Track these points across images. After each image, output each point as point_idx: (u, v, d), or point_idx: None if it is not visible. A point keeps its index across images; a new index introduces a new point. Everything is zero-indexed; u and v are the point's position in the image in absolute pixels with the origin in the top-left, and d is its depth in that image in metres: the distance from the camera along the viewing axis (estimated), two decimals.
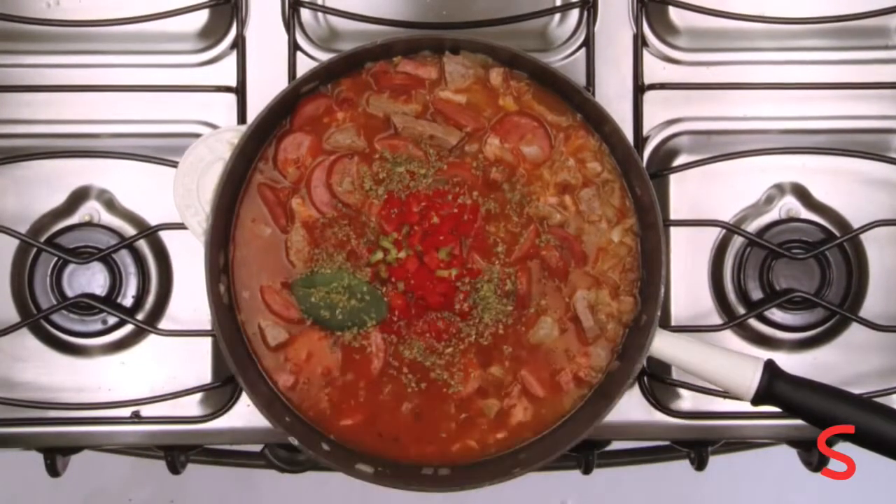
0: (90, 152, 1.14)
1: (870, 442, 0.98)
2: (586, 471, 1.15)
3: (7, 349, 1.15)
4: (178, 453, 1.15)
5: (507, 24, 1.14)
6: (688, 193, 1.17)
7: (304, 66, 1.14)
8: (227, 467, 1.23)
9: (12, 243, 1.15)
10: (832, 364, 1.17)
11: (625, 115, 1.14)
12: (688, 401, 1.16)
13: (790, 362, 1.05)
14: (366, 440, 1.08)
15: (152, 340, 1.16)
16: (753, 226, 1.17)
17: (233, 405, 1.13)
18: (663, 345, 1.03)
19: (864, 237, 1.16)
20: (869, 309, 1.17)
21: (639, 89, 1.15)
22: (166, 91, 1.15)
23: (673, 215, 1.16)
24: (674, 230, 1.15)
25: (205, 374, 1.15)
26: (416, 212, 1.07)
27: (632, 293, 1.10)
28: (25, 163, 1.14)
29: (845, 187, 1.17)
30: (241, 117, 1.14)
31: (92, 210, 1.17)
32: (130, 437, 1.15)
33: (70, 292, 1.15)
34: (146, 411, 1.13)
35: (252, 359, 1.09)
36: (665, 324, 1.15)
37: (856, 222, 1.16)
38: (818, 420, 0.99)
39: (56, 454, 1.13)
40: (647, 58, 1.17)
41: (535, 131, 1.10)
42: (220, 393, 1.14)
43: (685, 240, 1.16)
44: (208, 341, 1.15)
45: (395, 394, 1.08)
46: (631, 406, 1.13)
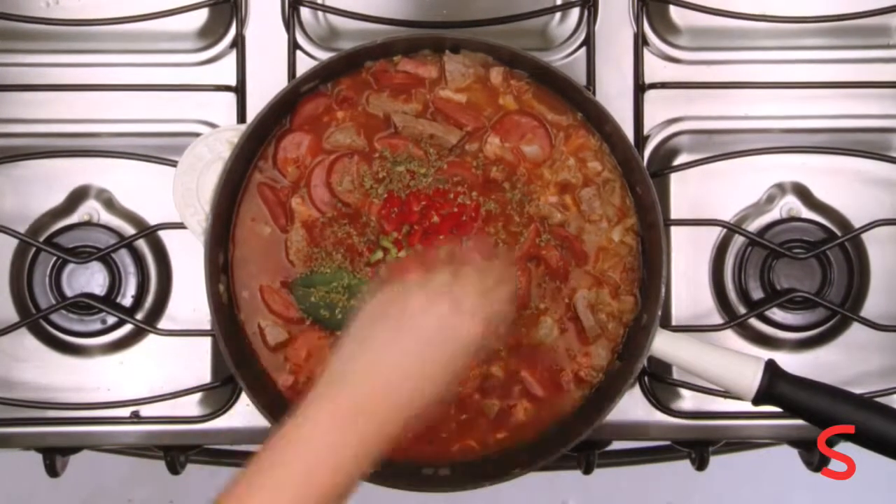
0: (89, 151, 1.13)
1: (870, 442, 0.98)
2: (587, 471, 1.15)
3: (6, 349, 1.15)
4: (177, 453, 1.14)
5: (508, 24, 1.14)
6: (688, 193, 1.16)
7: (304, 65, 1.13)
8: (226, 467, 1.22)
9: (11, 243, 1.15)
10: (833, 364, 1.16)
11: (625, 115, 1.14)
12: (688, 401, 1.15)
13: (791, 362, 1.04)
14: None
15: (152, 340, 1.16)
16: (754, 225, 1.17)
17: (232, 405, 1.13)
18: (664, 344, 1.03)
19: (866, 237, 1.16)
20: (870, 309, 1.17)
21: (639, 88, 1.15)
22: (166, 90, 1.15)
23: (673, 215, 1.16)
24: (674, 229, 1.15)
25: (204, 374, 1.15)
26: (416, 211, 1.07)
27: (632, 293, 1.10)
28: (24, 162, 1.14)
29: (846, 187, 1.17)
30: (241, 116, 1.14)
31: (91, 209, 1.16)
32: (130, 437, 1.14)
33: (69, 292, 1.15)
34: (145, 411, 1.13)
35: (251, 358, 1.08)
36: (666, 323, 1.15)
37: (857, 222, 1.16)
38: (819, 420, 0.99)
39: (55, 454, 1.13)
40: (647, 57, 1.16)
41: (536, 130, 1.10)
42: (220, 393, 1.14)
43: (686, 239, 1.16)
44: (208, 341, 1.14)
45: None
46: (631, 406, 1.13)
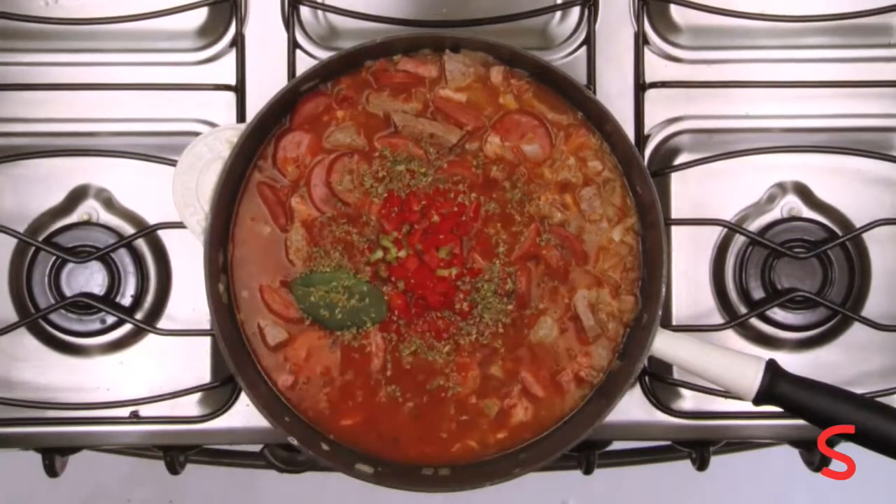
0: (89, 151, 1.13)
1: (871, 442, 0.98)
2: (587, 471, 1.15)
3: (5, 349, 1.15)
4: (176, 453, 1.14)
5: (508, 23, 1.14)
6: (689, 192, 1.16)
7: (304, 64, 1.13)
8: (226, 467, 1.22)
9: (10, 242, 1.15)
10: (834, 364, 1.16)
11: (626, 114, 1.14)
12: (689, 401, 1.15)
13: (792, 362, 1.04)
14: (365, 440, 1.08)
15: (151, 340, 1.15)
16: (755, 225, 1.17)
17: (232, 405, 1.13)
18: (664, 344, 1.03)
19: (867, 236, 1.15)
20: (871, 308, 1.16)
21: (640, 87, 1.15)
22: (165, 89, 1.15)
23: (674, 214, 1.16)
24: (675, 229, 1.15)
25: (204, 374, 1.15)
26: (416, 210, 1.07)
27: (633, 292, 1.09)
28: (24, 161, 1.14)
29: (847, 186, 1.17)
30: (241, 116, 1.14)
31: (90, 209, 1.16)
32: (129, 437, 1.14)
33: (68, 291, 1.15)
34: (145, 411, 1.13)
35: (251, 358, 1.08)
36: (666, 323, 1.15)
37: (858, 221, 1.16)
38: (819, 420, 0.99)
39: (55, 454, 1.13)
40: (648, 56, 1.16)
41: (536, 130, 1.10)
42: (219, 393, 1.14)
43: (686, 239, 1.16)
44: (207, 341, 1.14)
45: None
46: (632, 406, 1.13)
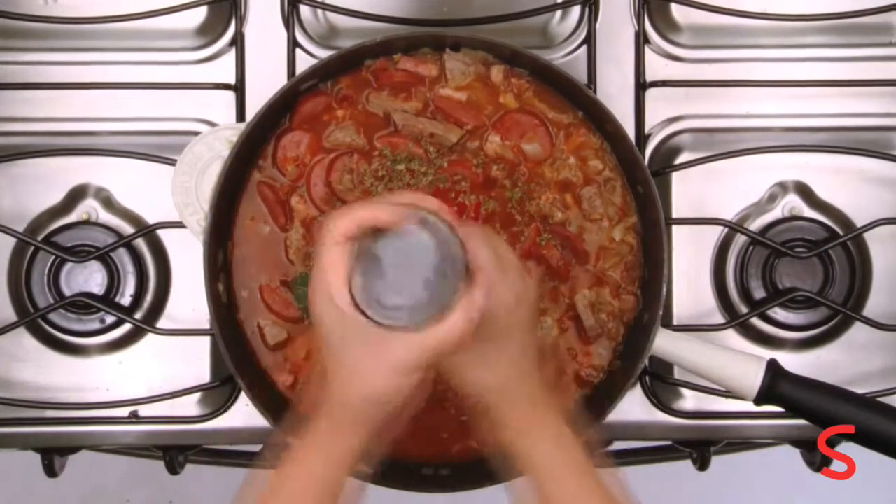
0: (88, 150, 1.13)
1: (872, 442, 0.98)
2: None
3: (4, 348, 1.14)
4: (176, 453, 1.14)
5: (508, 22, 1.13)
6: (690, 191, 1.16)
7: (304, 63, 1.13)
8: (225, 467, 1.22)
9: (9, 242, 1.15)
10: (835, 363, 1.16)
11: (626, 113, 1.14)
12: (690, 400, 1.15)
13: (793, 362, 1.04)
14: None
15: (150, 340, 1.15)
16: (756, 224, 1.17)
17: (231, 405, 1.12)
18: (665, 344, 1.02)
19: (868, 235, 1.15)
20: (872, 308, 1.16)
21: (640, 86, 1.15)
22: (164, 88, 1.14)
23: (675, 213, 1.16)
24: (676, 228, 1.15)
25: (203, 374, 1.14)
26: None
27: (633, 292, 1.09)
28: (22, 160, 1.13)
29: (848, 185, 1.16)
30: (240, 115, 1.14)
31: (90, 208, 1.16)
32: (128, 437, 1.14)
33: (67, 291, 1.15)
34: (144, 411, 1.13)
35: (251, 358, 1.08)
36: (667, 323, 1.14)
37: (859, 221, 1.15)
38: (821, 420, 0.99)
39: (54, 454, 1.12)
40: (648, 55, 1.16)
41: (536, 129, 1.09)
42: (219, 392, 1.13)
43: (687, 238, 1.16)
44: (207, 341, 1.14)
45: None
46: (632, 406, 1.12)
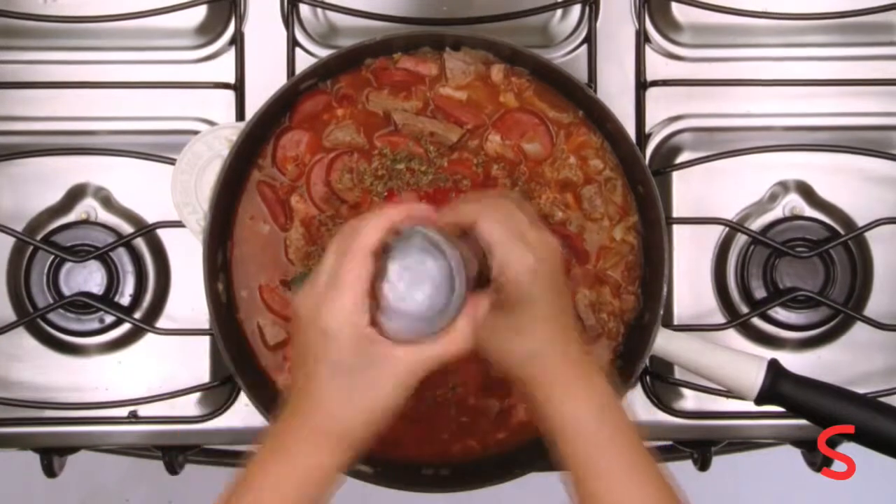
0: (87, 149, 1.13)
1: (873, 442, 0.97)
2: None
3: (3, 348, 1.14)
4: (175, 453, 1.14)
5: (509, 21, 1.13)
6: (690, 191, 1.16)
7: (303, 62, 1.13)
8: (225, 467, 1.22)
9: (8, 241, 1.14)
10: (836, 363, 1.16)
11: (627, 112, 1.13)
12: (690, 400, 1.15)
13: (794, 361, 1.04)
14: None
15: (150, 339, 1.15)
16: (757, 224, 1.17)
17: (231, 405, 1.12)
18: (666, 344, 1.02)
19: (869, 235, 1.15)
20: (873, 308, 1.16)
21: (641, 86, 1.14)
22: (164, 88, 1.14)
23: (675, 213, 1.16)
24: (676, 228, 1.15)
25: (203, 374, 1.14)
26: None
27: (634, 292, 1.09)
28: (21, 160, 1.13)
29: (850, 185, 1.16)
30: (240, 114, 1.13)
31: (89, 208, 1.16)
32: (128, 437, 1.14)
33: (67, 291, 1.14)
34: (143, 411, 1.12)
35: (250, 358, 1.08)
36: (667, 322, 1.14)
37: (860, 220, 1.15)
38: (822, 420, 0.98)
39: (53, 454, 1.12)
40: (649, 54, 1.16)
41: (537, 128, 1.09)
42: (219, 392, 1.13)
43: (688, 238, 1.15)
44: (206, 340, 1.14)
45: None
46: (633, 406, 1.12)
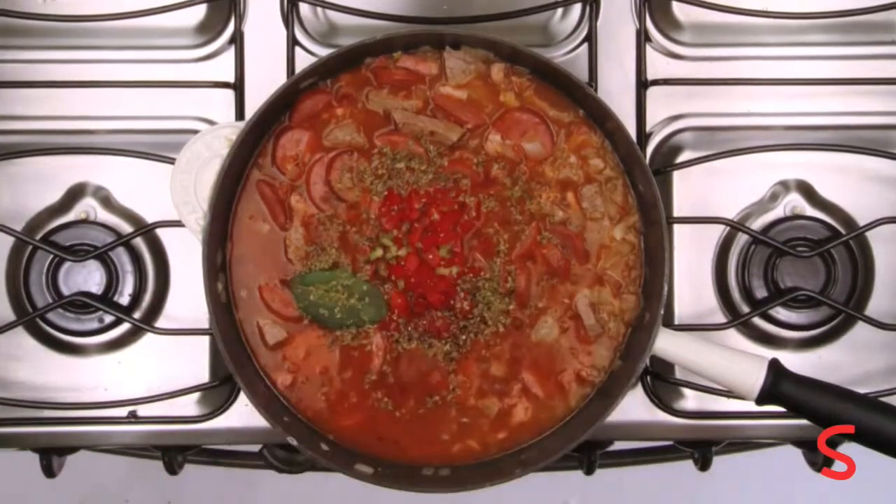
0: (86, 149, 1.13)
1: (873, 442, 0.97)
2: (589, 471, 1.15)
3: (2, 348, 1.14)
4: (175, 453, 1.14)
5: (509, 20, 1.13)
6: (691, 190, 1.16)
7: (303, 61, 1.13)
8: (224, 468, 1.22)
9: (7, 241, 1.14)
10: (837, 363, 1.16)
11: (627, 111, 1.13)
12: (691, 400, 1.15)
13: (795, 361, 1.04)
14: (365, 441, 1.07)
15: (149, 339, 1.15)
16: (758, 223, 1.16)
17: (231, 405, 1.12)
18: (666, 344, 1.02)
19: (870, 235, 1.15)
20: (874, 307, 1.16)
21: (642, 85, 1.14)
22: (163, 87, 1.14)
23: (676, 212, 1.16)
24: (677, 227, 1.15)
25: (202, 374, 1.14)
26: (416, 209, 1.06)
27: (634, 291, 1.09)
28: (21, 159, 1.13)
29: (850, 184, 1.16)
30: (240, 113, 1.13)
31: (88, 207, 1.16)
32: (127, 437, 1.14)
33: (66, 290, 1.14)
34: (143, 411, 1.12)
35: (250, 358, 1.08)
36: (668, 322, 1.14)
37: (861, 220, 1.15)
38: (822, 420, 0.98)
39: (52, 454, 1.12)
40: (650, 53, 1.16)
41: (537, 127, 1.09)
42: (218, 392, 1.13)
43: (689, 237, 1.15)
44: (206, 340, 1.14)
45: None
46: (634, 406, 1.12)
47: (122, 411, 1.12)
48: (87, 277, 1.15)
